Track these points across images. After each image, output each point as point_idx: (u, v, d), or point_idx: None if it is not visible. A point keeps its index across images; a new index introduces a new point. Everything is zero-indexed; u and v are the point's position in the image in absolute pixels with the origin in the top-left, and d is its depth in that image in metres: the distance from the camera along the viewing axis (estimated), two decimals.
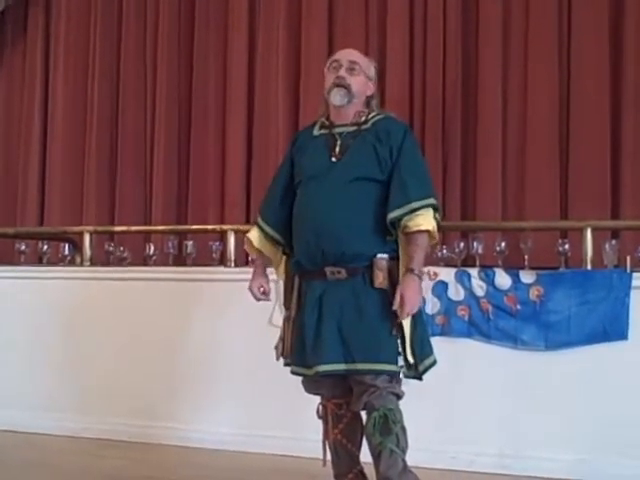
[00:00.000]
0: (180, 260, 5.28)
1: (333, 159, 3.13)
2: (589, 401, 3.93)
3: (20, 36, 6.95)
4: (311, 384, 3.19)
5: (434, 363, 3.11)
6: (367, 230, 3.05)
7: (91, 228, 5.40)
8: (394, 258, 3.06)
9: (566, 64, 5.23)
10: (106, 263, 5.41)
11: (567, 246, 4.43)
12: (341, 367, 3.00)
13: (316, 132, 3.29)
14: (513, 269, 4.18)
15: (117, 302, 4.85)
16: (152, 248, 5.32)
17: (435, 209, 3.08)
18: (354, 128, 3.18)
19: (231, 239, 4.84)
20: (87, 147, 6.58)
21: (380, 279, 3.01)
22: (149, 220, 6.28)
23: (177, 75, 6.35)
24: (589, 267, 4.13)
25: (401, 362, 3.00)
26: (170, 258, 5.26)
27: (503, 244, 4.45)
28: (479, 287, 4.14)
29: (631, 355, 3.89)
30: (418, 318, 3.10)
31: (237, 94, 6.10)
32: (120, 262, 5.42)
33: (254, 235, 3.32)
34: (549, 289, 4.04)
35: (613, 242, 4.34)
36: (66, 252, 5.53)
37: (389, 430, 2.98)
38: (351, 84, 3.17)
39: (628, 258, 4.04)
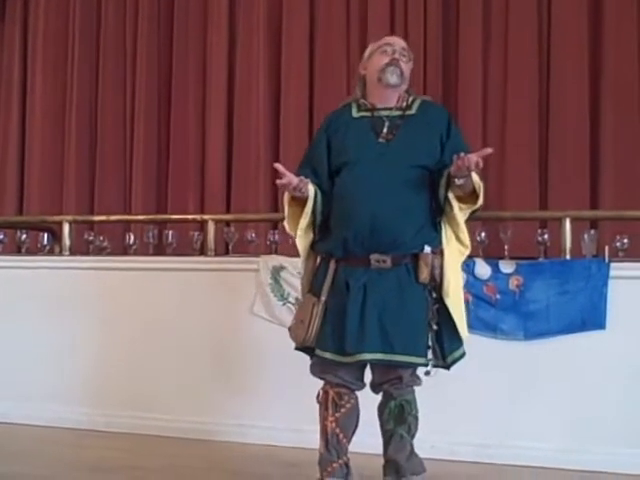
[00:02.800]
0: (160, 249, 5.26)
1: (381, 140, 3.14)
2: (568, 390, 3.96)
3: None
4: (321, 368, 3.16)
5: (463, 355, 3.18)
6: (419, 217, 3.08)
7: (70, 217, 5.35)
8: (436, 252, 3.09)
9: (546, 55, 5.27)
10: (86, 252, 5.38)
11: (546, 236, 4.45)
12: (380, 356, 3.02)
13: (355, 114, 3.27)
14: (493, 259, 4.20)
15: (97, 292, 4.83)
16: (132, 237, 5.29)
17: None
18: (399, 113, 3.21)
19: (211, 229, 4.82)
20: (66, 136, 6.55)
21: (425, 274, 3.05)
22: (129, 209, 6.26)
23: (157, 64, 6.32)
24: (568, 257, 4.15)
25: (430, 355, 3.05)
26: (150, 247, 5.24)
27: (483, 234, 4.46)
28: None
29: (609, 344, 3.92)
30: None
31: (217, 83, 6.08)
32: (100, 251, 5.40)
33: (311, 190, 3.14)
34: (528, 279, 4.06)
35: (592, 232, 4.36)
36: (45, 242, 5.50)
37: (403, 420, 3.12)
38: (404, 69, 3.21)
39: (606, 248, 4.06)
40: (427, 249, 3.05)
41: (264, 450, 4.21)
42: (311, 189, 3.14)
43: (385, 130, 3.16)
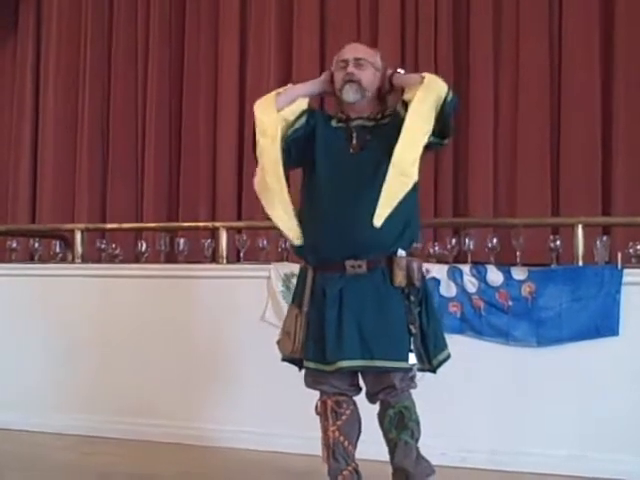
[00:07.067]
0: (172, 257, 5.27)
1: (351, 151, 3.16)
2: (580, 397, 3.94)
3: (10, 36, 6.93)
4: (314, 379, 3.16)
5: (448, 357, 3.16)
6: (392, 220, 3.04)
7: (82, 225, 5.38)
8: (411, 254, 3.10)
9: (557, 60, 5.26)
10: (98, 260, 5.40)
11: (558, 242, 4.43)
12: (359, 363, 3.02)
13: (334, 124, 3.29)
14: (505, 266, 4.18)
15: (108, 299, 4.84)
16: (144, 245, 5.31)
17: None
18: (372, 123, 3.21)
19: (223, 236, 4.83)
20: (78, 145, 6.59)
21: (400, 278, 3.04)
22: (140, 217, 6.28)
23: (168, 73, 6.36)
24: (580, 263, 4.14)
25: (413, 359, 3.02)
26: (162, 255, 5.25)
27: (495, 240, 4.45)
28: (471, 284, 4.14)
29: (622, 351, 3.90)
30: (431, 314, 3.14)
31: (228, 91, 6.11)
32: (112, 259, 5.41)
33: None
34: (541, 285, 4.04)
35: (604, 238, 4.34)
36: (57, 249, 5.52)
37: (405, 426, 3.08)
38: (361, 79, 3.20)
39: (619, 254, 4.04)
40: (401, 252, 3.05)
41: (272, 458, 4.20)
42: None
43: (354, 142, 3.17)
